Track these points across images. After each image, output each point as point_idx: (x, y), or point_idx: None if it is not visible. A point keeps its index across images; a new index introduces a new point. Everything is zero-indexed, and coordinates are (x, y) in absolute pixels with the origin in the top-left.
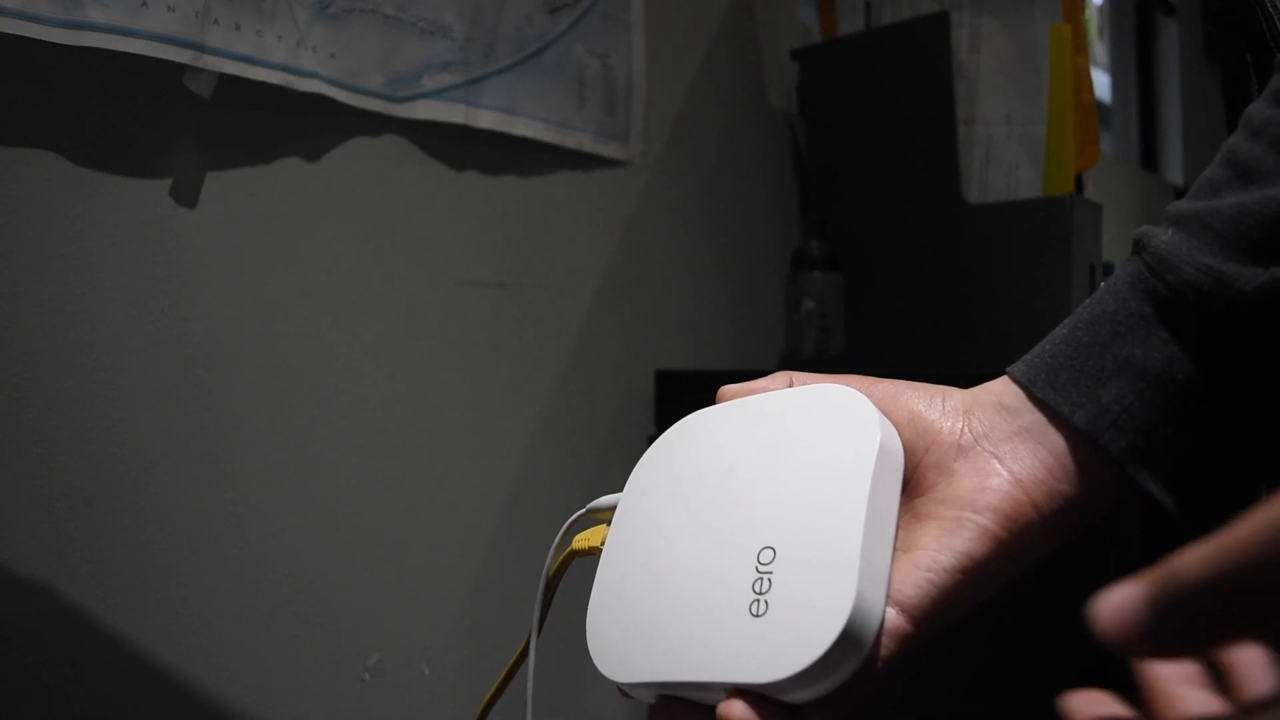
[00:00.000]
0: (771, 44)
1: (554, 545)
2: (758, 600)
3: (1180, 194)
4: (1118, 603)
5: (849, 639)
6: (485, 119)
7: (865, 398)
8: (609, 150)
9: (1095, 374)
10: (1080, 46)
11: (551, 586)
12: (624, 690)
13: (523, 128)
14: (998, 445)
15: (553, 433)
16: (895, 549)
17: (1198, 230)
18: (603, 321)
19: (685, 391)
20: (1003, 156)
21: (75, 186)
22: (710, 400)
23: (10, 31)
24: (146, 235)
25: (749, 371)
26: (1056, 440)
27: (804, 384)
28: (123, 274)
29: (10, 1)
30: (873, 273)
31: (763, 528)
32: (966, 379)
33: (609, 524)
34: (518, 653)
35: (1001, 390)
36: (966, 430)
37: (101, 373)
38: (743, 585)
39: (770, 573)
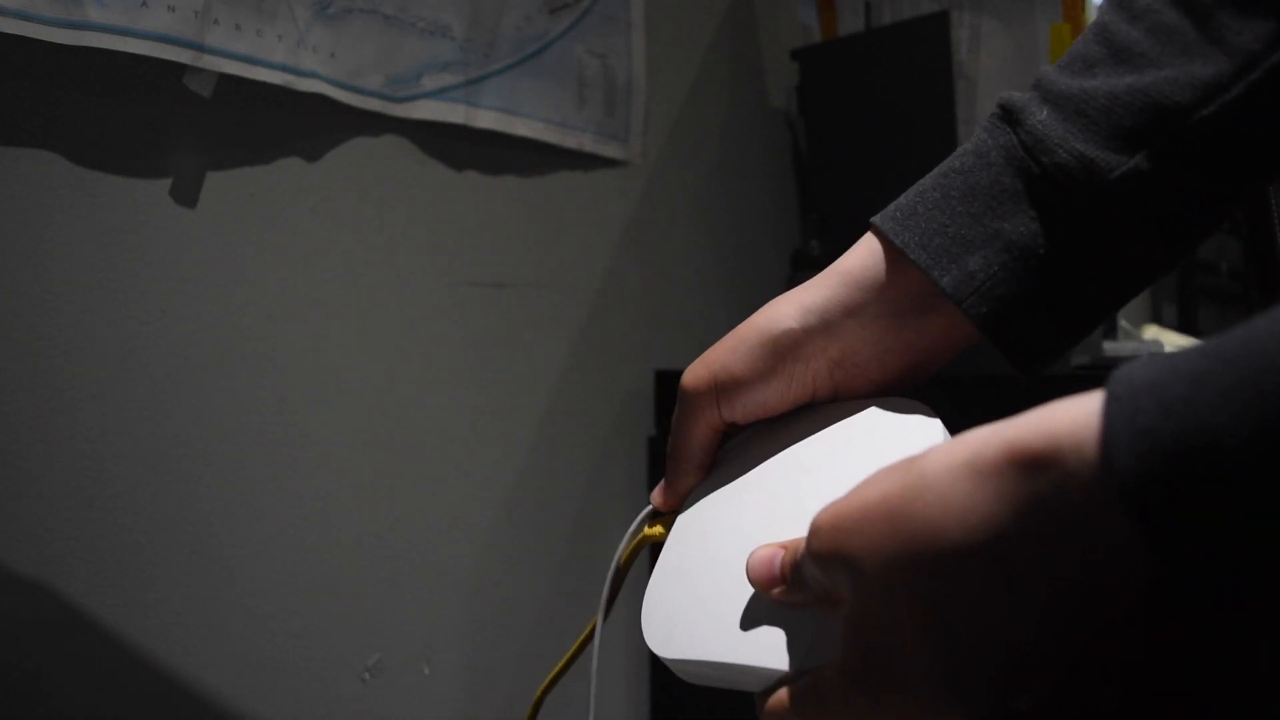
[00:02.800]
0: (771, 44)
1: (628, 533)
2: None
3: None
4: (763, 558)
5: None
6: (485, 119)
7: (931, 411)
8: (609, 150)
9: (965, 242)
10: None
11: (622, 573)
12: (670, 666)
13: (523, 128)
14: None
15: (553, 433)
16: None
17: (1073, 115)
18: (603, 321)
19: None
20: None
21: (75, 186)
22: None
23: (10, 31)
24: (146, 235)
25: None
26: (918, 298)
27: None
28: (122, 274)
29: (10, 1)
30: None
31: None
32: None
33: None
34: (581, 637)
35: (860, 263)
36: (833, 387)
37: (101, 373)
38: None
39: None
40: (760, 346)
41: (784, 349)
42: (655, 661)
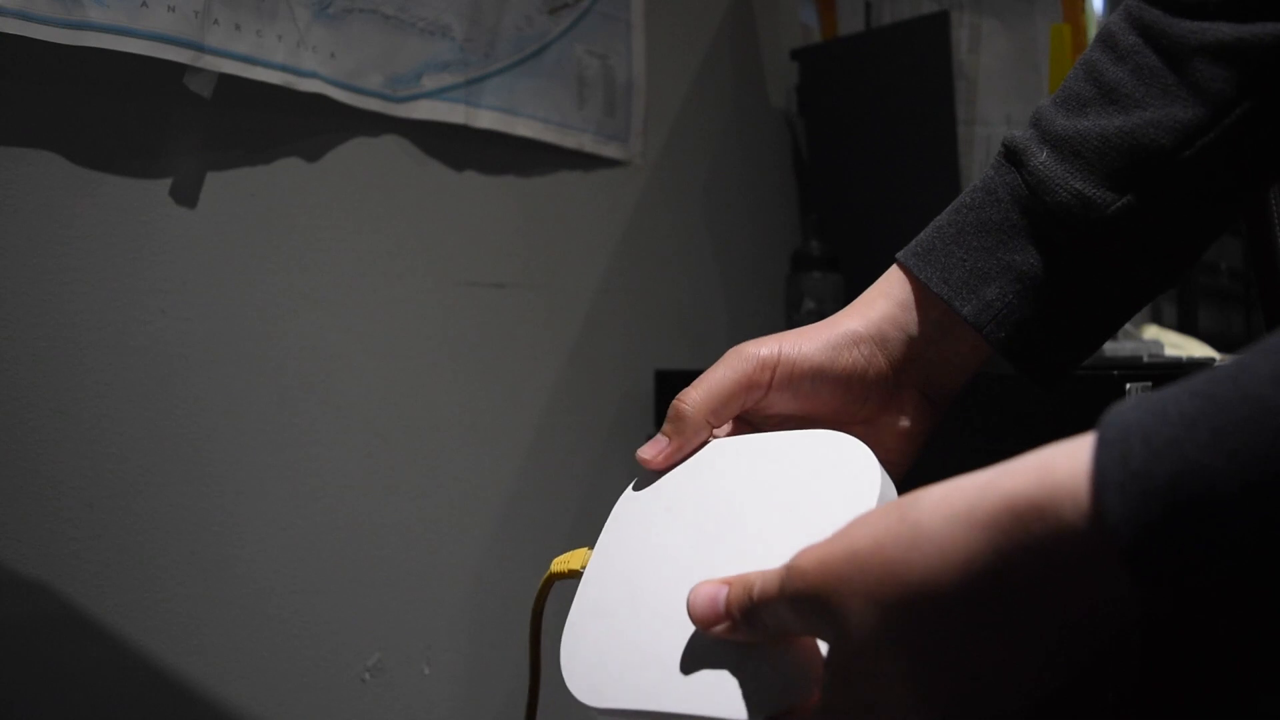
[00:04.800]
0: (771, 44)
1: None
2: None
3: None
4: (707, 595)
5: None
6: (485, 119)
7: (868, 449)
8: (609, 150)
9: (981, 274)
10: (1080, 46)
11: (536, 618)
12: (597, 716)
13: (523, 128)
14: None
15: (553, 433)
16: None
17: (1070, 156)
18: (603, 321)
19: None
20: None
21: (75, 186)
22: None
23: (10, 31)
24: (147, 235)
25: None
26: (947, 327)
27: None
28: (123, 274)
29: (10, 1)
30: (873, 273)
31: (750, 563)
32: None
33: (590, 548)
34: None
35: (895, 293)
36: (889, 370)
37: (101, 373)
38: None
39: None
40: (826, 337)
41: (848, 340)
42: None
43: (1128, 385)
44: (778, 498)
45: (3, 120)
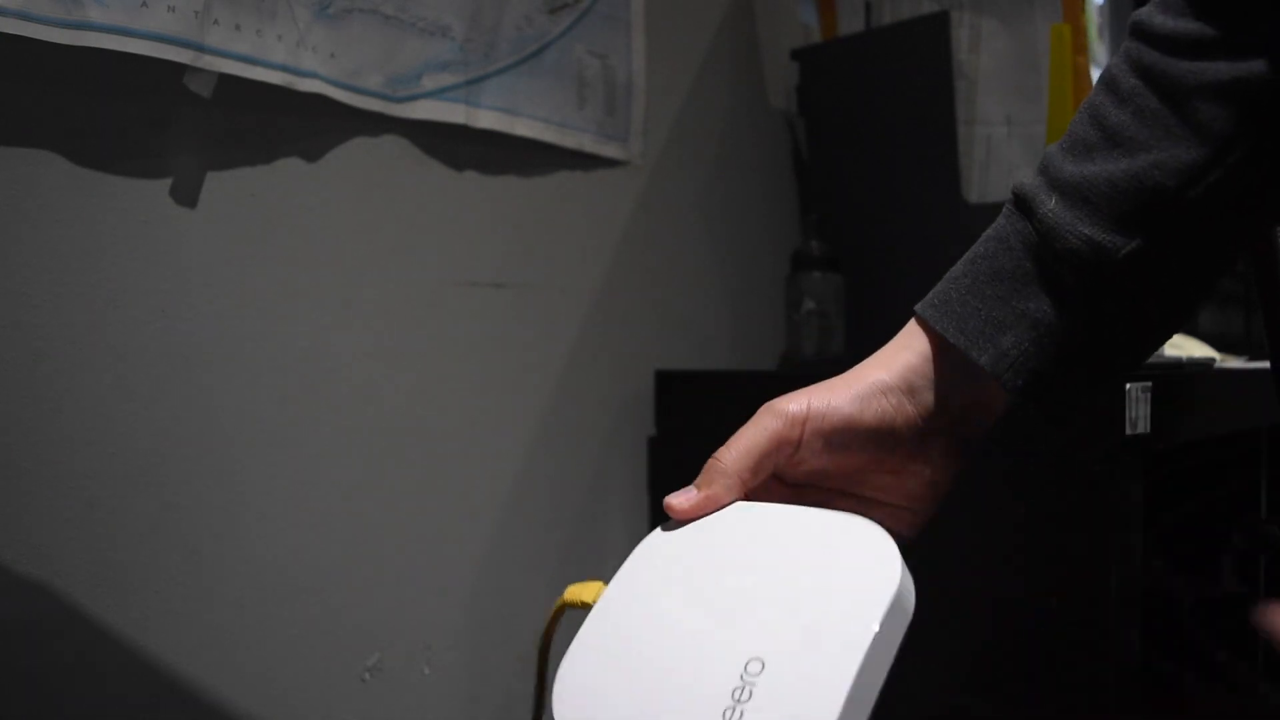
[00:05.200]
0: (771, 44)
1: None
2: (734, 708)
3: None
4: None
5: None
6: (485, 119)
7: (892, 540)
8: (609, 150)
9: (996, 323)
10: (1080, 46)
11: (545, 646)
12: None
13: (523, 128)
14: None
15: (553, 433)
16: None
17: (1079, 202)
18: (603, 321)
19: (685, 392)
20: (1003, 156)
21: (75, 186)
22: (708, 399)
23: (10, 31)
24: (146, 235)
25: (749, 371)
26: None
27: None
28: (122, 274)
29: (10, 1)
30: (873, 273)
31: (758, 638)
32: None
33: (603, 582)
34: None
35: (915, 345)
36: (917, 418)
37: (101, 373)
38: (723, 689)
39: (754, 684)
40: (855, 389)
41: (876, 390)
42: None
43: (1127, 385)
44: (798, 580)
45: (3, 120)
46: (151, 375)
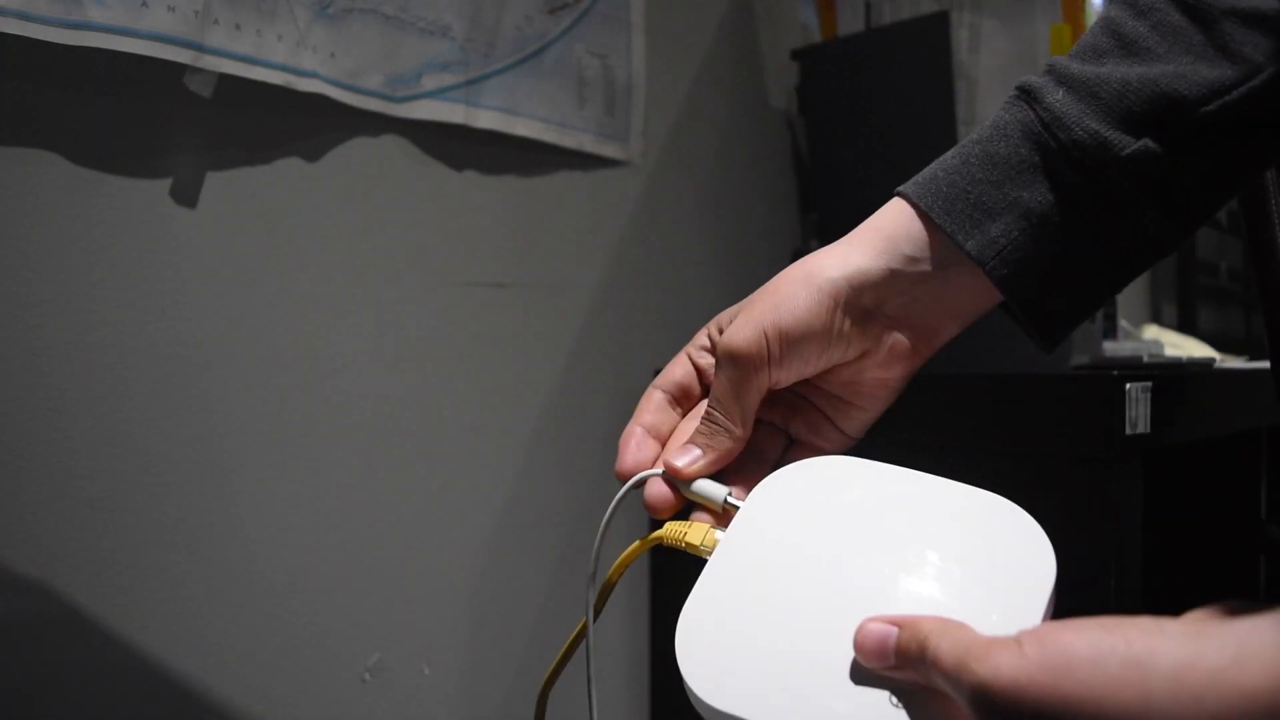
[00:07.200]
0: (771, 44)
1: (604, 520)
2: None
3: None
4: (878, 635)
5: None
6: (485, 119)
7: (1043, 531)
8: (609, 150)
9: (986, 208)
10: None
11: (616, 572)
12: (706, 713)
13: (523, 128)
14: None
15: (553, 432)
16: None
17: (1087, 97)
18: (603, 321)
19: None
20: None
21: (75, 186)
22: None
23: (10, 31)
24: (146, 235)
25: None
26: (947, 264)
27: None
28: (123, 274)
29: (10, 1)
30: None
31: (907, 608)
32: (963, 378)
33: (712, 526)
34: (574, 635)
35: (891, 225)
36: (874, 309)
37: (101, 373)
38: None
39: None
40: (806, 298)
41: (827, 298)
42: (656, 664)
43: (1127, 385)
44: (943, 548)
45: (3, 120)
46: (151, 375)
